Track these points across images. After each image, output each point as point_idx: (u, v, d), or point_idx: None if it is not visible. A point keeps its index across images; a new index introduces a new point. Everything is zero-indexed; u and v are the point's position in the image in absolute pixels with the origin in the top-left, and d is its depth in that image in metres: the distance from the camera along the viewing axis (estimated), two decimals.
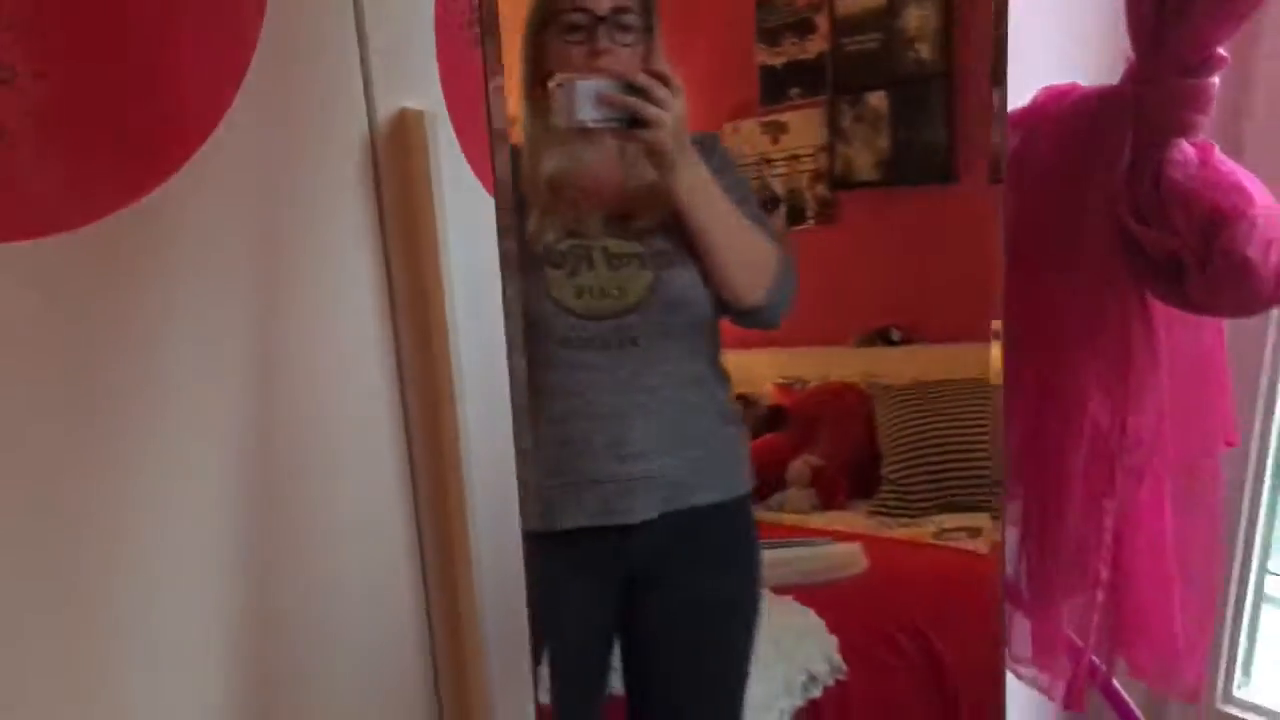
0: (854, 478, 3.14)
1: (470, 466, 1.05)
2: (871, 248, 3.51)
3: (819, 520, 2.84)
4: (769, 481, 3.12)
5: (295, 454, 1.00)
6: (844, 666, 2.03)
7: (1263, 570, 2.83)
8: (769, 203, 3.58)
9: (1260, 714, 1.50)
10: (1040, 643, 1.35)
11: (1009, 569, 1.36)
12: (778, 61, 3.46)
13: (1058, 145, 1.23)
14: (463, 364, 1.02)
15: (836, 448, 3.17)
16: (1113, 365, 1.21)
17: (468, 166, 0.98)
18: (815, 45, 3.41)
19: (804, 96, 3.44)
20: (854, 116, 3.36)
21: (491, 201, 1.02)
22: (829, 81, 3.38)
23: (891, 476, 3.05)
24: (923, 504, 2.89)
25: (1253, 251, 1.10)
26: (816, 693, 2.00)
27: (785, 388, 3.41)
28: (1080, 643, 1.30)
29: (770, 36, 3.44)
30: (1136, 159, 1.14)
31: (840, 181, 3.44)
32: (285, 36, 0.90)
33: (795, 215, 3.51)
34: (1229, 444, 1.27)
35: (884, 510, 2.93)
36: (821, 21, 3.37)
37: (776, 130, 3.53)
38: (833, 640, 2.05)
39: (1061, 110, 1.21)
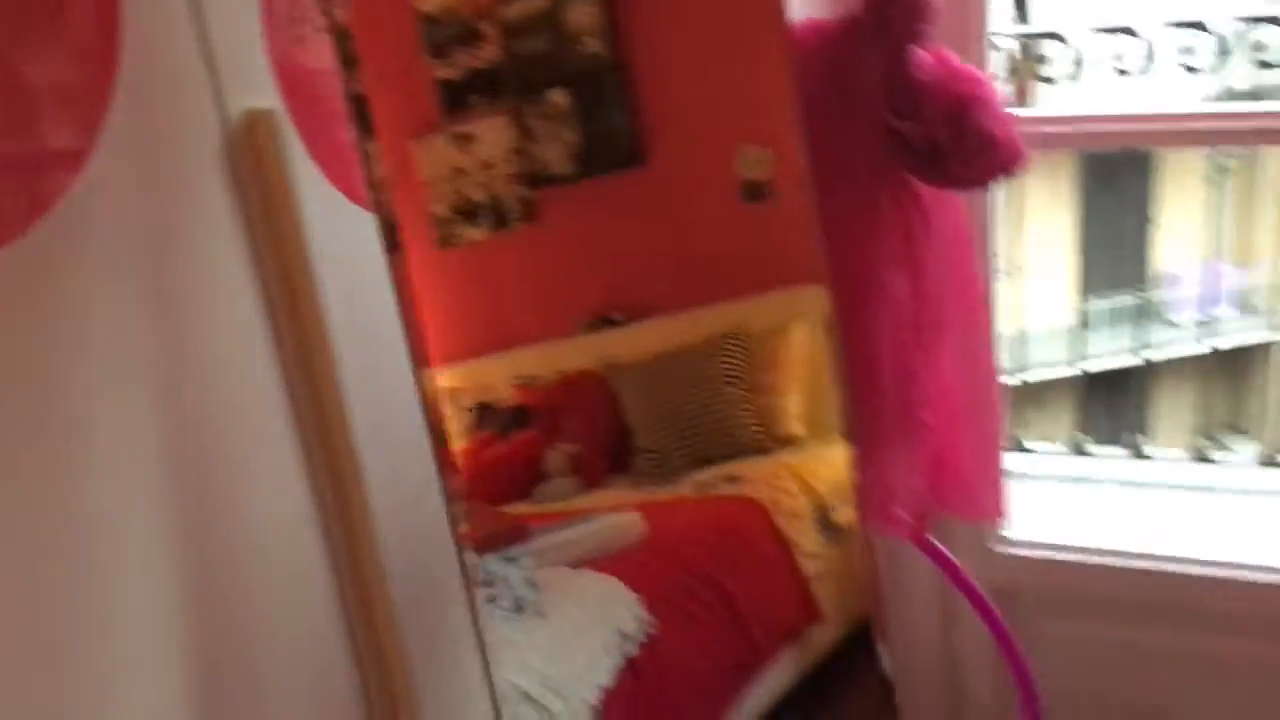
0: (610, 456, 3.24)
1: (364, 459, 1.03)
2: (578, 238, 3.63)
3: (586, 501, 2.92)
4: (530, 477, 3.17)
5: (203, 460, 0.94)
6: (652, 620, 2.11)
7: None
8: (469, 213, 3.62)
9: (1033, 548, 1.73)
10: (874, 506, 1.49)
11: None
12: (453, 74, 3.51)
13: (825, 69, 1.39)
14: (343, 360, 1.00)
15: (587, 432, 3.26)
16: (899, 244, 1.37)
17: (317, 170, 0.96)
18: (487, 53, 3.48)
19: (486, 103, 3.51)
20: (539, 115, 3.46)
21: (344, 201, 1.01)
22: (508, 86, 3.47)
23: (644, 447, 3.17)
24: (678, 465, 3.03)
25: (994, 126, 1.31)
26: (633, 650, 2.07)
27: (524, 387, 3.47)
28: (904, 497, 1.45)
29: (441, 50, 3.48)
30: (887, 68, 1.32)
31: (537, 180, 3.54)
32: (141, 55, 0.84)
33: (500, 220, 3.57)
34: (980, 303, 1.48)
35: (644, 479, 3.05)
36: (489, 29, 3.45)
37: (465, 141, 3.58)
38: (636, 598, 2.13)
39: (821, 40, 1.37)
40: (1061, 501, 2.40)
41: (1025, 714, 1.54)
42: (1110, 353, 9.88)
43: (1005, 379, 1.66)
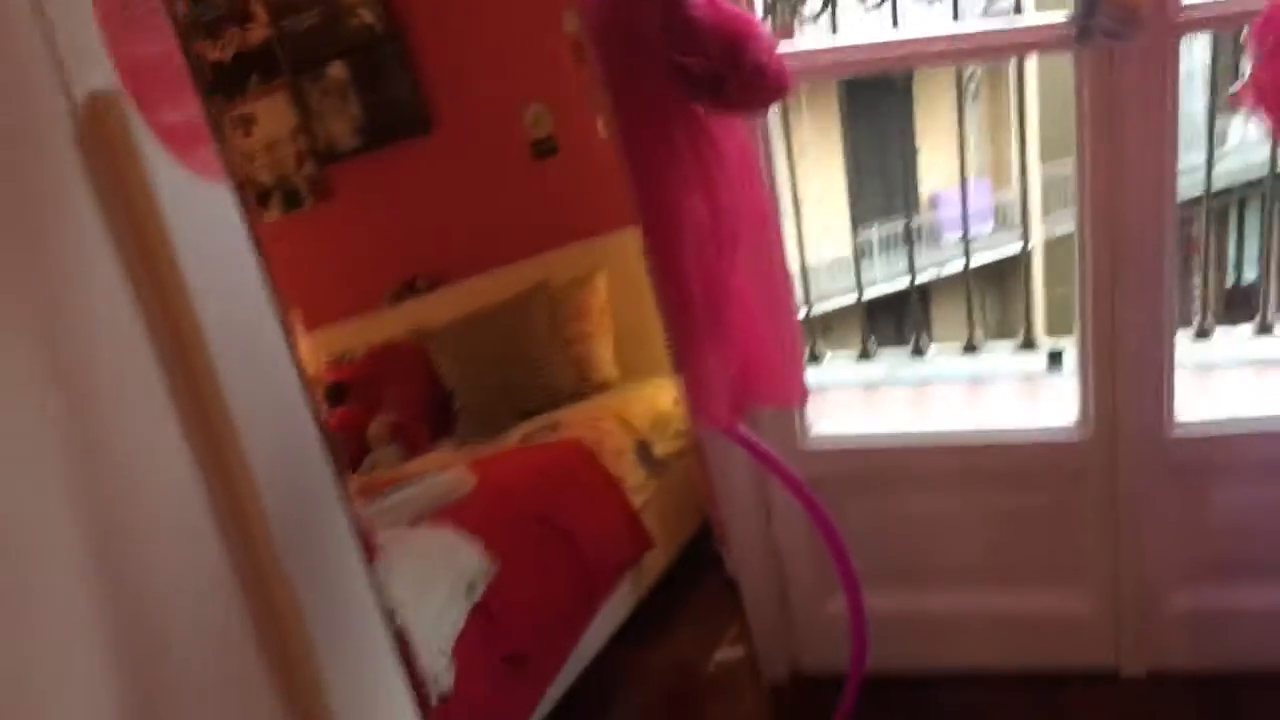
0: (432, 420, 3.28)
1: (250, 450, 1.05)
2: (373, 211, 3.63)
3: (415, 466, 2.95)
4: (355, 451, 3.18)
5: (89, 441, 0.96)
6: (493, 563, 2.20)
7: None
8: (260, 196, 3.57)
9: (834, 441, 1.91)
10: (697, 404, 1.64)
11: None
12: (225, 54, 3.42)
13: (609, 19, 1.51)
14: (214, 341, 1.03)
15: (406, 400, 3.29)
16: (693, 170, 1.51)
17: (162, 148, 0.97)
18: (258, 32, 3.41)
19: (263, 83, 3.45)
20: (319, 91, 3.42)
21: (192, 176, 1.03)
22: (283, 63, 3.42)
23: (465, 406, 3.23)
24: (501, 420, 3.11)
25: (766, 58, 1.45)
26: (478, 595, 2.15)
27: (337, 363, 3.46)
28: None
29: (211, 30, 3.39)
30: (665, 13, 1.45)
31: (326, 156, 3.51)
32: None
33: (292, 200, 3.53)
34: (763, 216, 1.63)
35: (469, 439, 3.12)
36: (258, 8, 3.38)
37: (247, 123, 3.50)
38: (476, 544, 2.21)
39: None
40: (855, 404, 2.64)
41: (844, 585, 1.73)
42: (887, 278, 10.44)
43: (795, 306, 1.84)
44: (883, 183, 11.29)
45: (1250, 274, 11.97)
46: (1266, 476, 1.92)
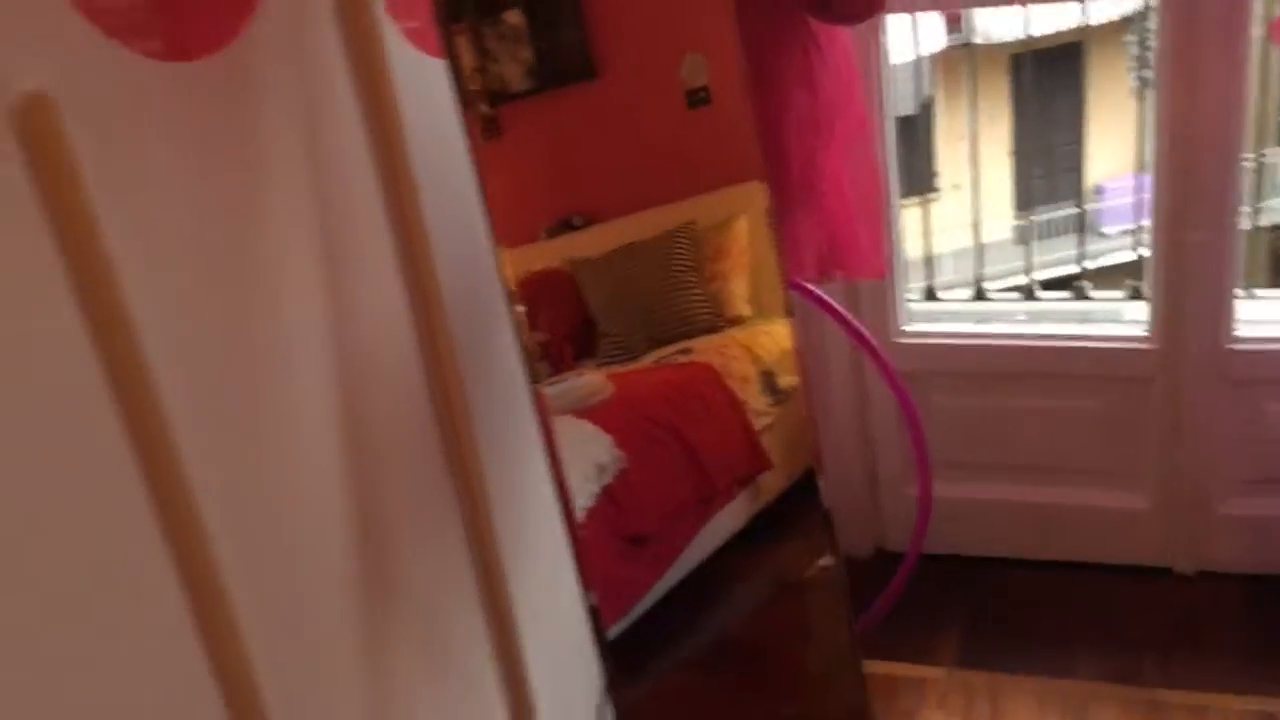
0: (576, 342, 3.57)
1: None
2: (537, 150, 3.92)
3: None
4: None
5: (342, 301, 1.25)
6: (623, 455, 2.46)
7: None
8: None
9: (923, 337, 2.08)
10: (794, 259, 1.88)
11: None
12: None
13: None
14: (427, 201, 1.30)
15: (554, 322, 3.58)
16: (800, 68, 1.74)
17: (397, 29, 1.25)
18: None
19: (447, 28, 3.76)
20: (497, 36, 3.72)
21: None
22: (466, 8, 3.72)
23: (606, 332, 3.50)
24: (638, 346, 3.37)
25: None
26: (609, 479, 2.42)
27: None
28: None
29: None
30: None
31: (498, 97, 3.81)
32: None
33: None
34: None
35: (609, 360, 3.39)
36: None
37: None
38: (608, 438, 2.48)
39: None
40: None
41: (918, 464, 1.92)
42: (1050, 264, 10.28)
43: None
44: (1046, 167, 11.07)
45: None
46: None
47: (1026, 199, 10.81)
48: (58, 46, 1.02)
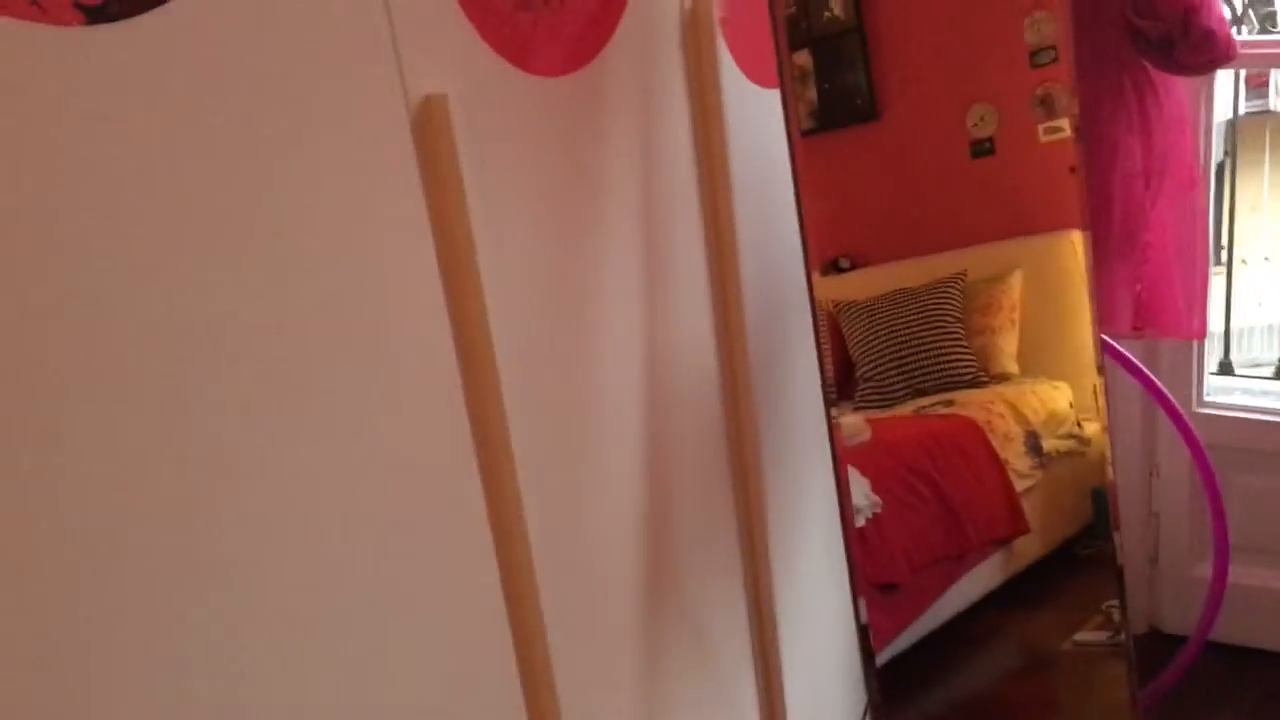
0: (835, 384, 3.57)
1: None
2: (814, 189, 3.94)
3: None
4: None
5: (657, 292, 1.36)
6: (878, 500, 2.45)
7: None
8: None
9: (1229, 409, 1.96)
10: (1107, 312, 1.84)
11: None
12: None
13: None
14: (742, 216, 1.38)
15: None
16: (1135, 114, 1.70)
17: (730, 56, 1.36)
18: None
19: None
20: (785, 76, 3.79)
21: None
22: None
23: (866, 376, 3.49)
24: (896, 394, 3.34)
25: (1215, 24, 1.62)
26: (861, 522, 2.41)
27: None
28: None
29: None
30: None
31: None
32: None
33: None
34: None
35: (865, 404, 3.37)
36: None
37: None
38: (865, 481, 2.47)
39: None
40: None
41: (1216, 544, 1.81)
42: None
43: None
44: None
45: None
46: None
47: None
48: (455, 60, 1.14)
